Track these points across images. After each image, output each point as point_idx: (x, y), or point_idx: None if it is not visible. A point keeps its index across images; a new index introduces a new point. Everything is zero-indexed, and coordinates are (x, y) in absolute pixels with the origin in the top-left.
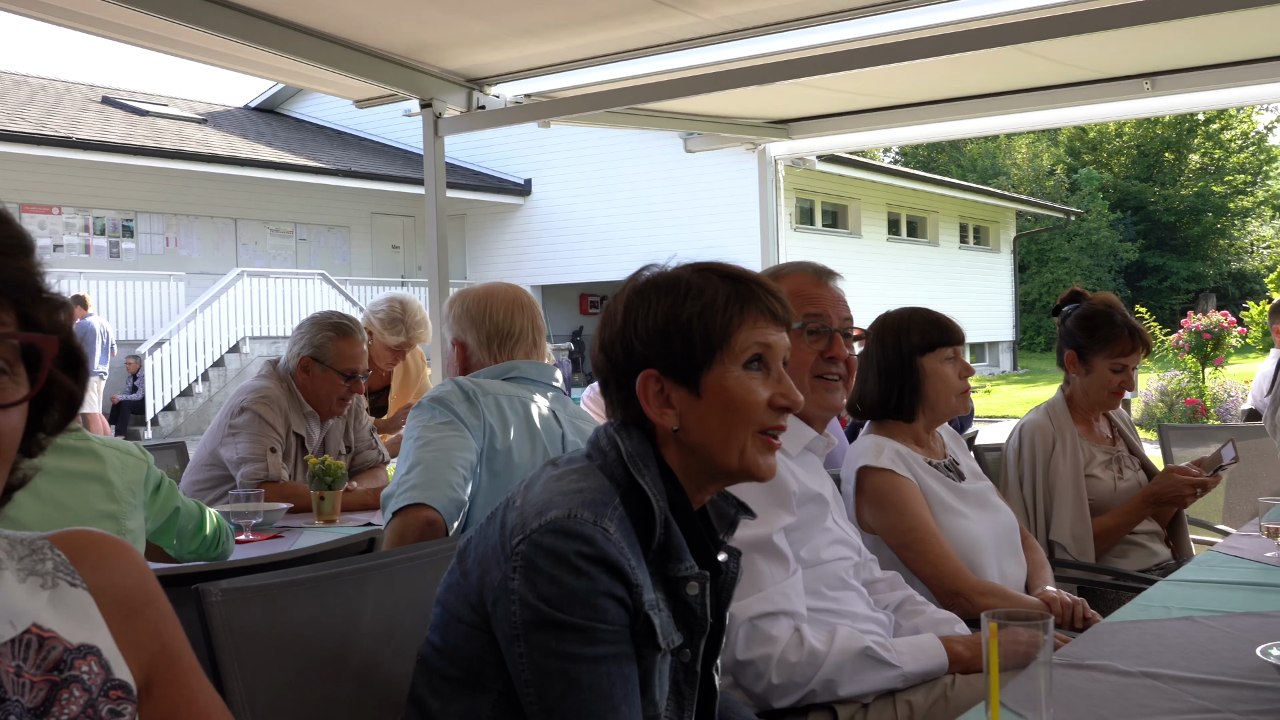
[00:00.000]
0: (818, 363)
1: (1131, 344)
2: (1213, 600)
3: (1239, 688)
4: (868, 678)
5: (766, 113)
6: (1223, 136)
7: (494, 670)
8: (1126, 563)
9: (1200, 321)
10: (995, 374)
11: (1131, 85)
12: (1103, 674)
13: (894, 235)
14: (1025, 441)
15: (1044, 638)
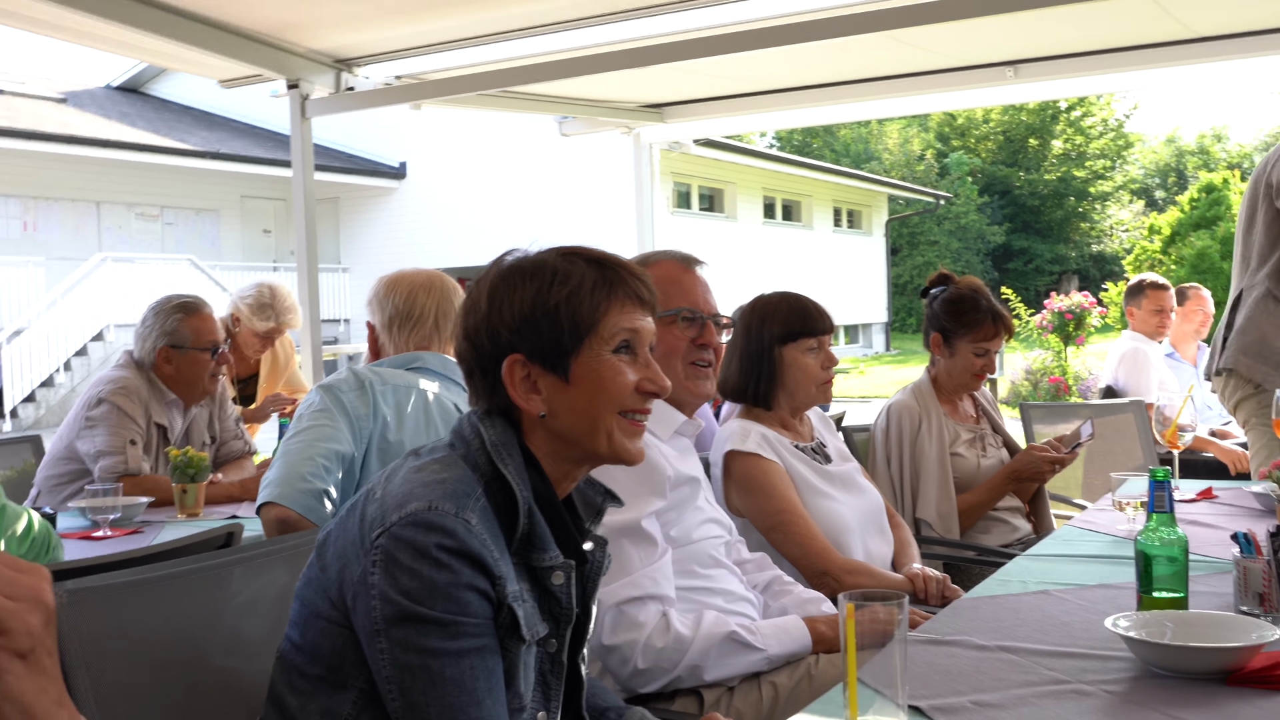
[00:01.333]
0: (689, 350)
1: (994, 329)
2: (1068, 574)
3: (1089, 658)
4: (733, 661)
5: (641, 96)
6: (1084, 123)
7: (355, 667)
8: (990, 538)
9: (1063, 302)
10: (868, 355)
11: (996, 72)
12: (961, 648)
13: (770, 219)
14: (892, 422)
15: (899, 616)
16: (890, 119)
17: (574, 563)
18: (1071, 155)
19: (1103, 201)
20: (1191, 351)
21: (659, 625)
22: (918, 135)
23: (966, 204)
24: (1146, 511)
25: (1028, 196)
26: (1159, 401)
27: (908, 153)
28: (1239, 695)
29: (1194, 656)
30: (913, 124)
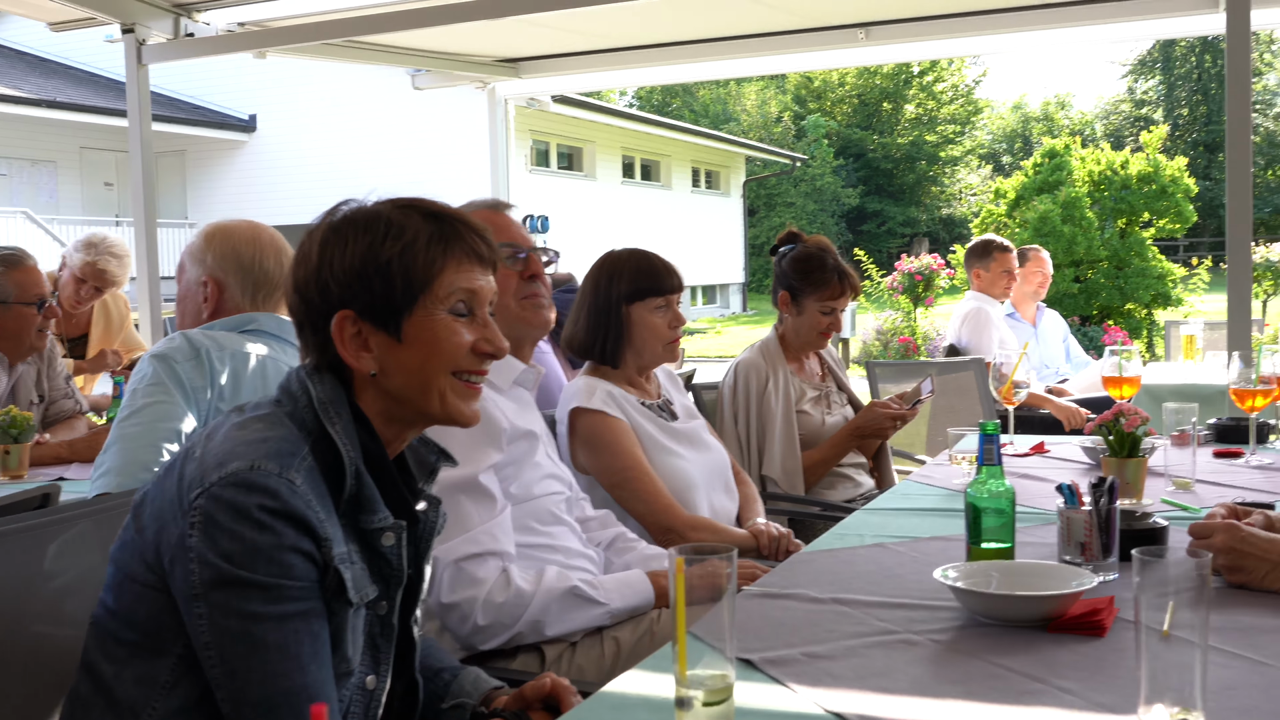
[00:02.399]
0: (520, 285)
1: (841, 288)
2: (903, 527)
3: (918, 609)
4: (575, 616)
5: (496, 50)
6: (935, 89)
7: (172, 632)
8: (834, 494)
9: (912, 264)
10: (726, 315)
11: (848, 34)
12: (796, 602)
13: (629, 178)
14: (740, 379)
15: (728, 570)
16: (748, 80)
17: (405, 523)
18: (923, 120)
19: (952, 166)
20: (1031, 312)
21: (499, 581)
22: (775, 97)
23: (822, 166)
24: (976, 465)
25: (881, 160)
26: (996, 360)
27: (765, 114)
28: (1058, 641)
29: (1016, 605)
30: (770, 86)
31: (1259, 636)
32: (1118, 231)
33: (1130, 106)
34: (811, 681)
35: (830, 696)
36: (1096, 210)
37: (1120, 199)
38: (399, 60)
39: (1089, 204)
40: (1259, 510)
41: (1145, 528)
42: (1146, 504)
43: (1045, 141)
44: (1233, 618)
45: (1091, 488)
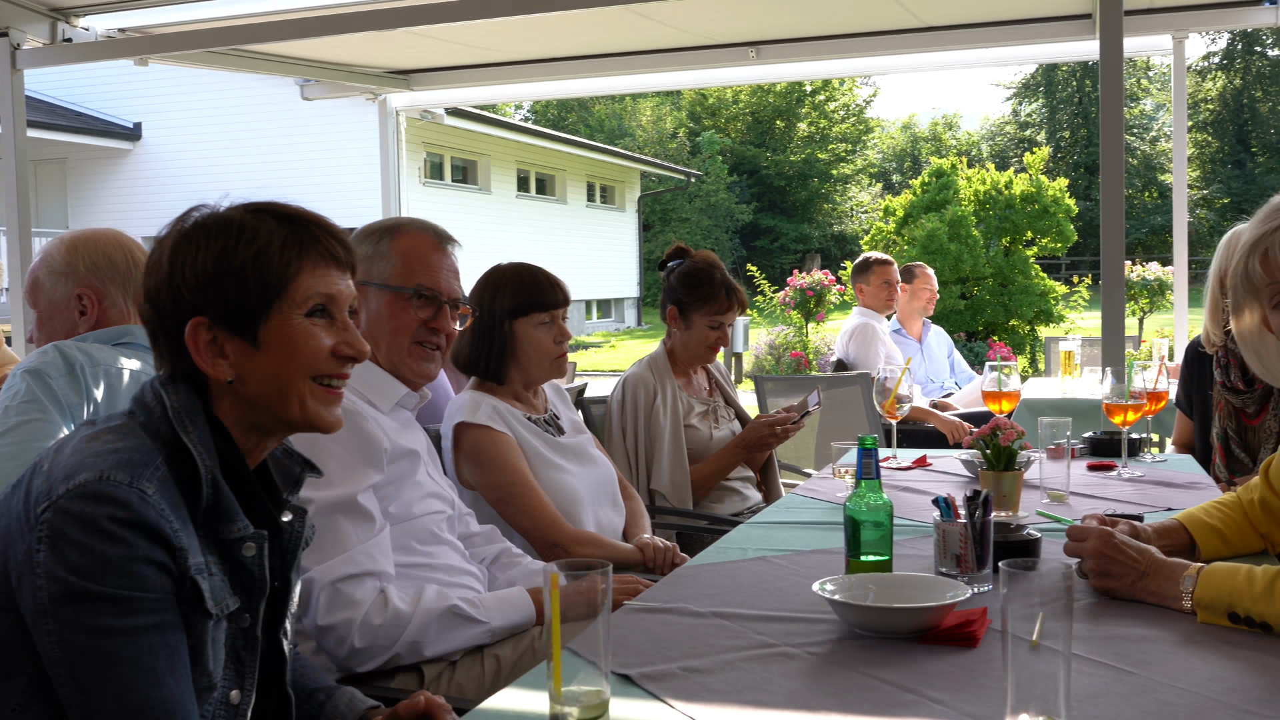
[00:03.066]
0: (420, 329)
1: (728, 303)
2: (786, 540)
3: (797, 621)
4: (454, 636)
5: (386, 62)
6: (827, 107)
7: (22, 653)
8: (722, 508)
9: (804, 280)
10: (621, 329)
11: (738, 52)
12: (677, 616)
13: (523, 192)
14: (628, 394)
15: (603, 585)
16: (643, 96)
17: (266, 534)
18: (816, 138)
19: (844, 183)
20: (917, 328)
21: (376, 602)
22: (670, 113)
23: (717, 182)
24: (855, 478)
25: (774, 177)
26: (880, 374)
27: (661, 130)
28: (932, 652)
29: (891, 617)
30: (665, 102)
31: (1124, 645)
32: (1002, 250)
33: (1015, 128)
34: (688, 696)
35: (706, 711)
36: (982, 229)
37: (1004, 218)
38: (287, 70)
39: (975, 222)
40: (1126, 521)
41: (1019, 539)
42: (1022, 516)
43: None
44: (1100, 627)
45: (966, 501)
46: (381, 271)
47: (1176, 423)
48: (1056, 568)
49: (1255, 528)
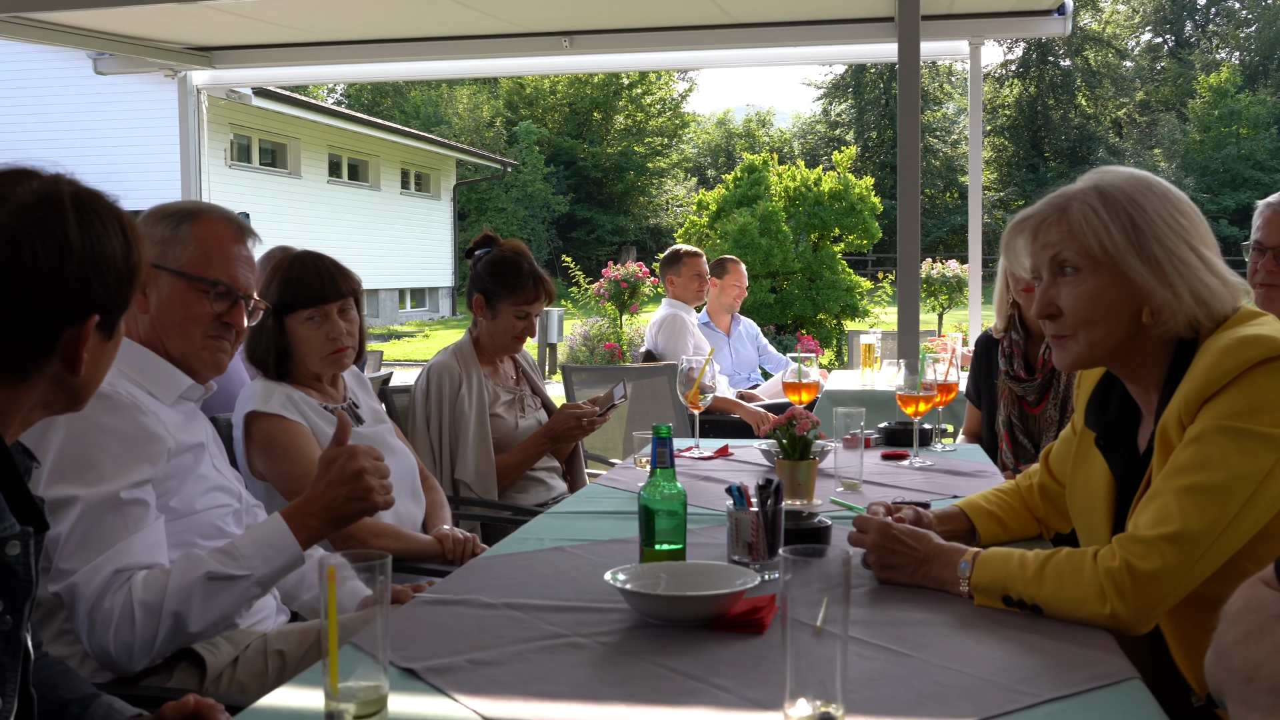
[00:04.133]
0: (214, 323)
1: (535, 292)
2: (585, 530)
3: (589, 611)
4: (220, 600)
5: (185, 37)
6: (644, 101)
7: None
8: (526, 498)
9: (618, 272)
10: (435, 319)
11: (551, 41)
12: (468, 607)
13: (335, 178)
14: (432, 383)
15: (380, 578)
16: (459, 83)
17: (32, 530)
18: (632, 131)
19: (660, 177)
20: (726, 321)
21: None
22: (488, 102)
23: (534, 173)
24: (650, 468)
25: (591, 169)
26: (683, 365)
27: (477, 119)
28: (720, 640)
29: (680, 605)
30: (482, 91)
31: (905, 629)
32: (811, 245)
33: (825, 127)
34: (473, 690)
35: (490, 704)
36: (792, 224)
37: (813, 214)
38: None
39: (785, 218)
40: (911, 506)
41: (810, 527)
42: (816, 504)
43: (746, 157)
44: (883, 612)
45: (758, 489)
46: (177, 257)
47: (967, 413)
48: (836, 554)
49: (1033, 513)
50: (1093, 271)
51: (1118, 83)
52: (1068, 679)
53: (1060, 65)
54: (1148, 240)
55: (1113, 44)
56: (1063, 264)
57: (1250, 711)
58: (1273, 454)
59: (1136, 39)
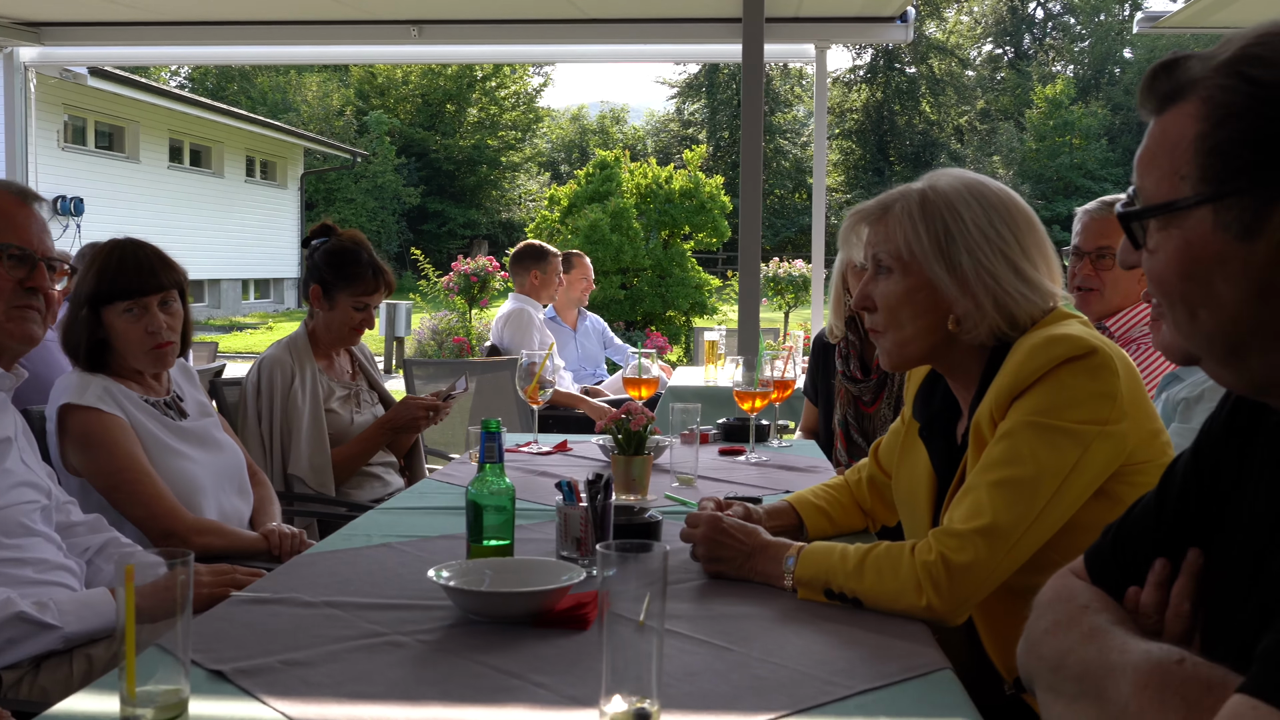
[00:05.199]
0: (16, 291)
1: (375, 283)
2: (415, 526)
3: (412, 609)
4: (24, 644)
5: (11, 10)
6: (498, 94)
7: None
8: (362, 493)
9: (469, 265)
10: (280, 310)
11: (400, 30)
12: (286, 606)
13: (176, 163)
14: (264, 376)
15: (182, 577)
16: (309, 70)
17: None
18: (486, 124)
19: (513, 171)
20: (573, 316)
21: None
22: (338, 90)
23: (384, 164)
24: (479, 463)
25: (444, 161)
26: (523, 360)
27: (327, 107)
28: (543, 636)
29: (503, 602)
30: (332, 78)
31: (728, 623)
32: (661, 242)
33: (678, 126)
34: (284, 692)
35: (301, 707)
36: (643, 221)
37: (664, 212)
38: None
39: (636, 215)
40: (740, 503)
41: (641, 522)
42: (650, 500)
43: (598, 153)
44: (708, 607)
45: (588, 484)
46: None
47: (804, 410)
48: (655, 549)
49: (860, 506)
50: (902, 274)
51: (960, 91)
52: (882, 670)
53: (906, 72)
54: (958, 250)
55: (955, 53)
56: (879, 262)
57: (1057, 699)
58: (1078, 448)
59: (978, 49)
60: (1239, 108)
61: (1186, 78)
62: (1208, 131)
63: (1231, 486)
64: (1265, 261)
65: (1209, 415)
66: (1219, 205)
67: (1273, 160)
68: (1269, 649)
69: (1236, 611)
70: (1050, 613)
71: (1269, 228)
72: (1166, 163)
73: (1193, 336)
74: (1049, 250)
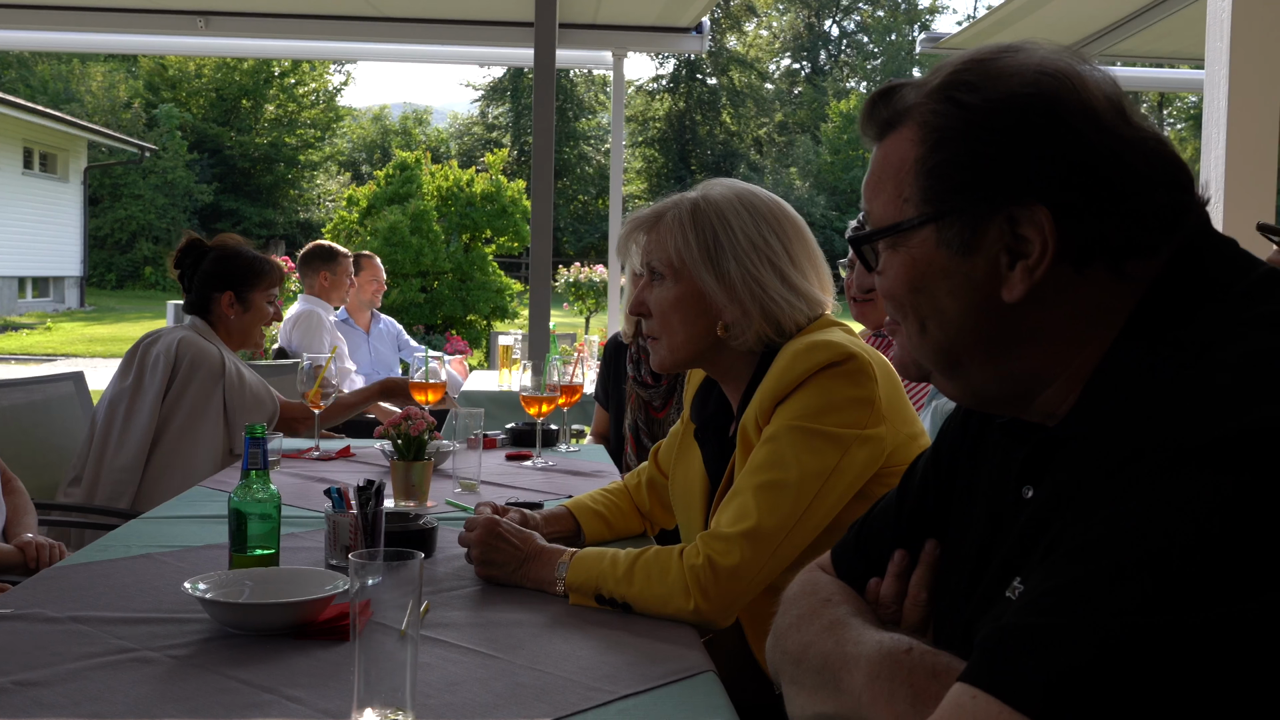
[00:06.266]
0: None
1: (280, 273)
2: (179, 535)
3: (167, 623)
4: None
5: None
6: (297, 91)
7: None
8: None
9: None
10: (60, 310)
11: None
12: (27, 623)
13: None
14: (204, 365)
15: None
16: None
17: None
18: (284, 121)
19: (312, 170)
20: (365, 318)
21: None
22: (125, 81)
23: (175, 159)
24: (243, 469)
25: (239, 158)
26: (304, 363)
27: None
28: (303, 649)
29: (261, 613)
30: (120, 68)
31: (498, 630)
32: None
33: (482, 129)
34: (14, 713)
35: None
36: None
37: (465, 215)
38: None
39: (437, 217)
40: (518, 508)
41: (416, 529)
42: (430, 506)
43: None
44: (480, 614)
45: (358, 491)
46: None
47: (595, 414)
48: (413, 557)
49: (639, 509)
50: (674, 281)
51: (759, 103)
52: (646, 674)
53: (707, 83)
54: (726, 258)
55: (755, 66)
56: (653, 269)
57: (799, 691)
58: (838, 452)
59: (777, 63)
60: (952, 131)
61: (903, 104)
62: (925, 155)
63: (964, 484)
64: (983, 276)
65: (947, 418)
66: (940, 224)
67: (984, 180)
68: (986, 638)
69: (965, 602)
70: (795, 607)
71: (985, 243)
72: (891, 186)
73: (922, 349)
74: (818, 259)
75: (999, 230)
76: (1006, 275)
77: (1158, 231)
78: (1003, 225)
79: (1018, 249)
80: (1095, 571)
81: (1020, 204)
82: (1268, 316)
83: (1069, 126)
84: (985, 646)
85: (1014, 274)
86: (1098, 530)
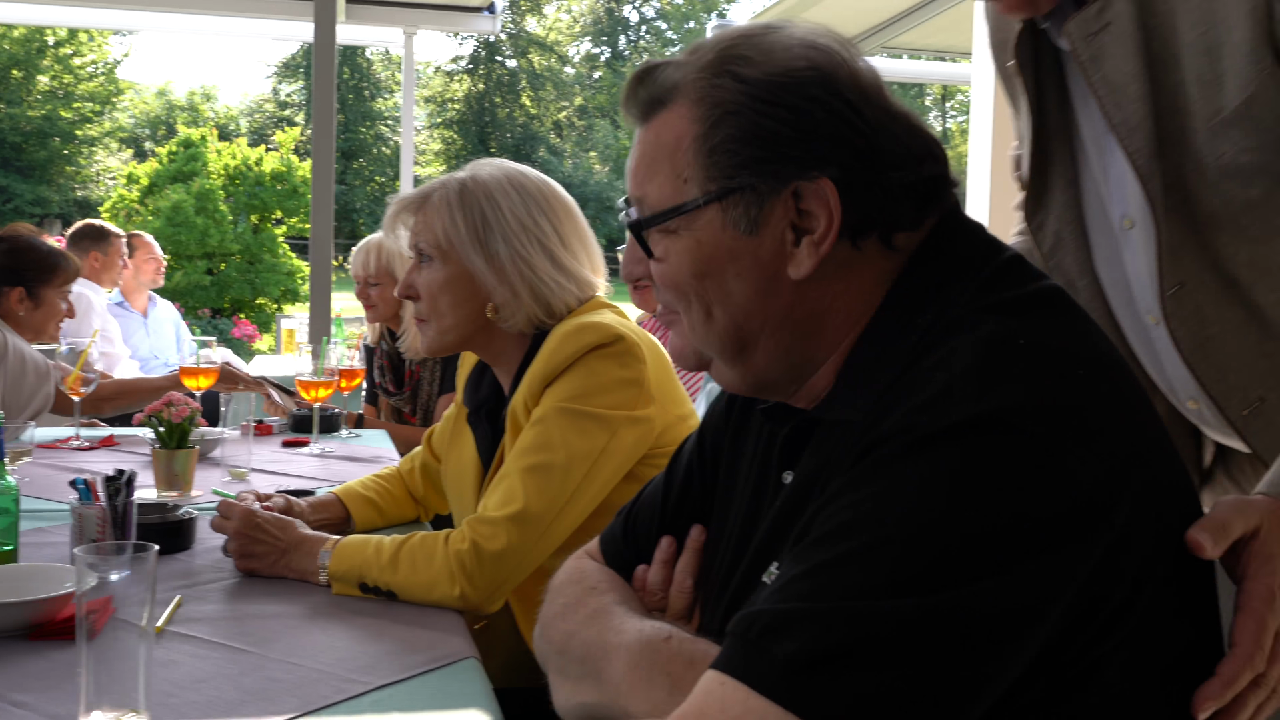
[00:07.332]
0: None
1: (75, 269)
2: None
3: None
4: None
5: None
6: (73, 62)
7: None
8: None
9: None
10: None
11: None
12: None
13: None
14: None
15: None
16: None
17: None
18: (59, 94)
19: (90, 146)
20: (142, 301)
21: None
22: None
23: None
24: None
25: (9, 132)
26: (62, 348)
27: None
28: (37, 650)
29: None
30: None
31: (254, 623)
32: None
33: (275, 107)
34: None
35: None
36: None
37: (254, 195)
38: None
39: (224, 197)
40: (283, 495)
41: (173, 520)
42: (194, 496)
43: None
44: (236, 607)
45: (106, 481)
46: None
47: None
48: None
49: (413, 495)
50: (442, 262)
51: (559, 86)
52: (406, 663)
53: (507, 65)
54: (494, 239)
55: (555, 49)
56: (421, 251)
57: (564, 681)
58: (606, 433)
59: (577, 47)
60: (734, 105)
61: (669, 82)
62: (705, 131)
63: (728, 468)
64: (770, 255)
65: (712, 400)
66: (725, 203)
67: (768, 155)
68: (735, 624)
69: (725, 589)
70: (560, 596)
71: (772, 219)
72: (667, 167)
73: (706, 337)
74: (589, 240)
75: (785, 206)
76: (792, 252)
77: (922, 202)
78: (788, 201)
79: (803, 225)
80: (841, 555)
81: (806, 178)
82: (1008, 303)
83: (844, 99)
84: (735, 632)
85: (800, 250)
86: (844, 514)
